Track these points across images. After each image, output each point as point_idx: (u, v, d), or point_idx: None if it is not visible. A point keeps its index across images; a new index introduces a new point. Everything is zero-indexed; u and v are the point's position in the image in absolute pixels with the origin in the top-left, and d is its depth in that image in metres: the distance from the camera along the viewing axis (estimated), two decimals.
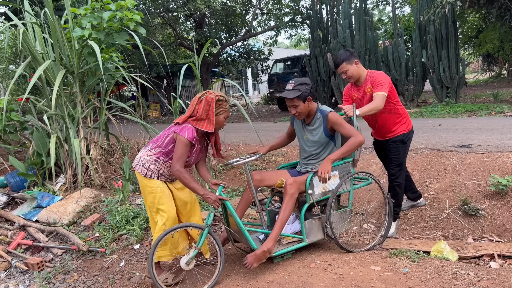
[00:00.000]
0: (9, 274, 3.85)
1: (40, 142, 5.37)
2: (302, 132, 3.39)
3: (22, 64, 5.03)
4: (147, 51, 13.33)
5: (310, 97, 3.16)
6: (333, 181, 3.22)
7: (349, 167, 3.34)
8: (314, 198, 3.13)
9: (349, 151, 3.11)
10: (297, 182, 3.07)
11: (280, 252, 3.04)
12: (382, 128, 3.81)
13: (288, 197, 3.01)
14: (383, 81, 3.50)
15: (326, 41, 13.05)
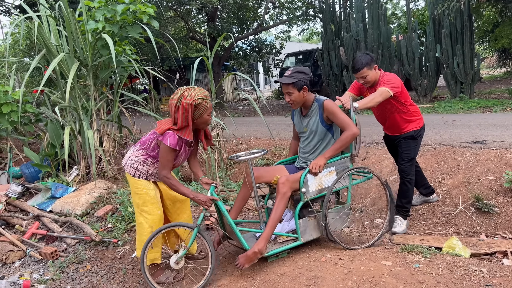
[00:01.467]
0: (24, 263, 3.92)
1: (54, 133, 5.44)
2: (300, 125, 3.31)
3: (37, 56, 5.10)
4: (159, 44, 13.39)
5: (306, 87, 3.05)
6: (329, 177, 3.11)
7: (347, 162, 3.22)
8: (309, 196, 3.03)
9: (342, 146, 3.03)
10: (290, 180, 2.97)
11: (274, 252, 2.96)
12: (392, 126, 3.84)
13: (280, 196, 2.92)
14: (392, 81, 3.52)
15: (339, 35, 12.95)
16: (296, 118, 3.36)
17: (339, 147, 3.03)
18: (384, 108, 3.77)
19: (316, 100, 3.17)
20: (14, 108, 5.09)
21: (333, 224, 3.15)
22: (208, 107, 2.86)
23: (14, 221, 4.57)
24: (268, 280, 2.77)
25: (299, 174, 3.04)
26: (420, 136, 3.84)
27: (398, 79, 3.59)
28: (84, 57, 5.21)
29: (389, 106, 3.71)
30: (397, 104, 3.70)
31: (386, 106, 3.72)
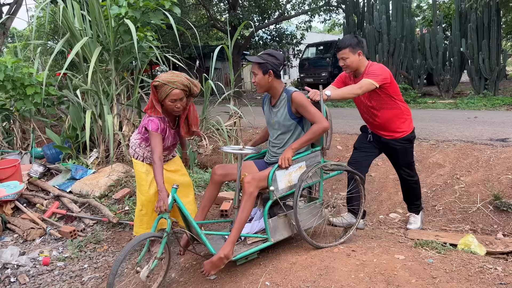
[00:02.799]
0: (44, 240, 4.04)
1: (76, 116, 5.55)
2: (269, 116, 3.13)
3: (61, 40, 5.18)
4: (180, 32, 13.42)
5: (272, 72, 2.87)
6: (299, 173, 2.93)
7: (318, 156, 3.04)
8: (278, 194, 2.86)
9: (312, 139, 2.89)
10: (256, 179, 2.78)
11: (243, 254, 2.79)
12: (382, 126, 3.49)
13: (246, 197, 2.74)
14: (377, 72, 3.23)
15: (361, 27, 12.77)
16: (266, 108, 3.18)
17: (307, 140, 2.87)
18: (371, 104, 3.43)
19: (285, 91, 3.00)
20: (38, 90, 5.20)
21: (304, 221, 2.96)
22: (171, 94, 2.91)
23: (35, 200, 4.70)
24: (280, 268, 2.80)
25: (266, 172, 2.84)
26: (414, 138, 3.59)
27: (385, 69, 3.30)
28: (107, 42, 5.27)
29: (378, 100, 3.39)
30: (387, 98, 3.37)
31: (375, 100, 3.40)
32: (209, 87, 5.07)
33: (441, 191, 4.33)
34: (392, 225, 3.88)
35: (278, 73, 2.91)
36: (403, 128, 3.44)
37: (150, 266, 2.68)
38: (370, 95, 3.37)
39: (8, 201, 4.48)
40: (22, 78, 5.12)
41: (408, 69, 11.80)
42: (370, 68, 3.28)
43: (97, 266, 3.52)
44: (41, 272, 3.43)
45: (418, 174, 4.65)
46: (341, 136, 6.05)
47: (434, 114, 7.97)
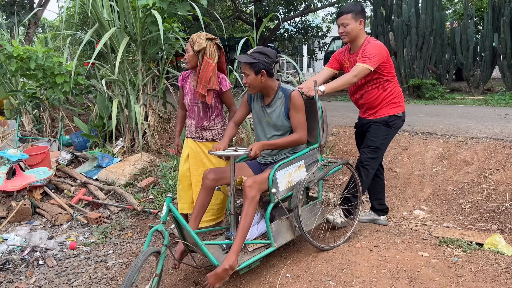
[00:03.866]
0: (70, 225, 4.17)
1: (103, 106, 5.66)
2: (261, 115, 2.90)
3: (90, 30, 5.28)
4: (205, 23, 13.46)
5: (265, 71, 2.68)
6: (299, 173, 2.81)
7: (316, 154, 2.92)
8: (280, 195, 2.72)
9: (285, 146, 2.75)
10: (257, 182, 2.63)
11: (246, 263, 2.60)
12: (366, 105, 3.26)
13: (248, 202, 2.58)
14: (372, 53, 2.97)
15: (389, 20, 12.49)
16: (256, 105, 2.94)
17: (282, 144, 2.73)
18: (360, 82, 3.18)
19: (281, 89, 2.81)
20: (67, 79, 5.33)
21: (306, 222, 2.83)
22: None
23: (63, 186, 4.84)
24: (301, 261, 2.80)
25: (266, 174, 2.70)
26: (396, 126, 3.25)
27: (381, 48, 3.04)
28: (134, 32, 5.35)
29: (369, 78, 3.14)
30: (377, 76, 3.11)
31: (365, 79, 3.13)
32: (233, 78, 5.08)
33: (468, 189, 4.23)
34: (416, 222, 3.82)
35: (271, 71, 2.73)
36: (387, 110, 3.18)
37: (151, 285, 2.42)
38: None
39: (37, 187, 4.62)
40: (52, 67, 5.25)
41: (436, 64, 11.50)
42: (367, 48, 3.01)
43: (121, 252, 3.61)
44: (68, 256, 3.54)
45: (445, 171, 4.57)
46: None
47: (463, 110, 7.76)
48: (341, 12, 3.06)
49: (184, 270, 3.14)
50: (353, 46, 3.14)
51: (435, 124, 6.03)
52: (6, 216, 4.22)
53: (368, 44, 3.04)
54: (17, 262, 3.42)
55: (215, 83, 3.08)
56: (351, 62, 3.17)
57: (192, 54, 3.06)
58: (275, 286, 2.58)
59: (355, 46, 3.12)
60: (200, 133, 3.29)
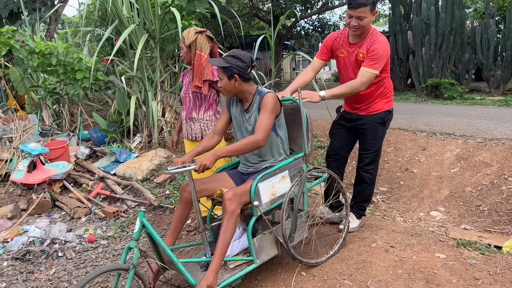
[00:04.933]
0: (89, 219, 4.24)
1: (121, 102, 5.74)
2: (240, 120, 2.73)
3: (109, 27, 5.36)
4: (222, 21, 13.50)
5: (237, 76, 2.51)
6: (283, 184, 2.60)
7: (300, 164, 2.74)
8: (262, 208, 2.51)
9: (240, 150, 2.48)
10: (238, 194, 2.43)
11: (227, 282, 2.43)
12: (357, 100, 3.05)
13: (228, 216, 2.39)
14: (381, 54, 2.77)
15: (408, 18, 12.34)
16: (235, 110, 2.76)
17: (236, 150, 2.48)
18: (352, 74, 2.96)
19: (258, 93, 2.63)
20: (87, 75, 5.41)
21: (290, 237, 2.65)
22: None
23: (81, 180, 4.93)
24: None
25: (247, 185, 2.51)
26: (389, 121, 3.12)
27: (388, 46, 2.84)
28: (153, 29, 5.40)
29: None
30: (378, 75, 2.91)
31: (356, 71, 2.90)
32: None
33: (486, 191, 4.16)
34: (433, 223, 3.78)
35: (246, 76, 2.55)
36: (382, 105, 3.01)
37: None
38: (357, 67, 2.90)
39: (57, 180, 4.72)
40: (72, 63, 5.35)
41: (456, 63, 11.32)
42: (374, 45, 2.78)
43: None
44: (86, 249, 3.61)
45: (463, 172, 4.51)
46: None
47: (482, 111, 7.63)
48: (360, 3, 2.68)
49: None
50: (356, 37, 2.87)
51: (454, 125, 5.95)
52: (27, 208, 4.32)
53: (377, 43, 2.78)
54: (37, 254, 3.50)
55: (209, 73, 3.18)
56: (349, 52, 2.91)
57: (186, 50, 3.19)
58: (290, 284, 2.59)
59: (358, 37, 2.86)
60: (189, 126, 3.36)
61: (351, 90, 2.79)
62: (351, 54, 2.90)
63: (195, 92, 3.27)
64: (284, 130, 2.73)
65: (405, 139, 5.53)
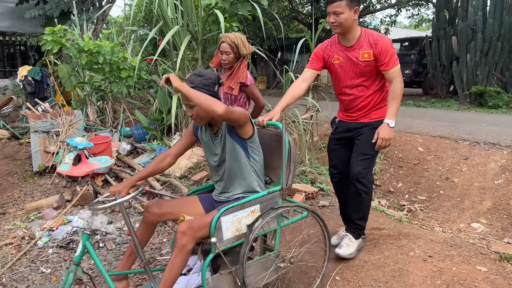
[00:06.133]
0: (128, 212, 4.39)
1: (163, 101, 5.90)
2: (211, 146, 2.46)
3: (154, 28, 5.53)
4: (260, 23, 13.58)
5: None
6: (251, 219, 2.32)
7: (276, 198, 2.41)
8: (223, 245, 2.22)
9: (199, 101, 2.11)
10: (194, 227, 2.16)
11: None
12: (358, 108, 2.81)
13: (176, 251, 2.14)
14: (394, 49, 2.62)
15: (453, 23, 11.98)
16: (205, 136, 2.48)
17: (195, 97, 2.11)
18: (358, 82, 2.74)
19: None
20: (131, 74, 5.61)
21: (254, 278, 2.32)
22: (220, 46, 3.25)
23: (122, 175, 5.11)
24: (351, 265, 2.79)
25: (208, 218, 2.22)
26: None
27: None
28: (195, 31, 5.52)
29: (368, 77, 2.72)
30: (379, 77, 2.71)
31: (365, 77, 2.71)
32: (289, 79, 5.11)
33: None
34: (473, 235, 3.66)
35: (215, 96, 2.26)
36: (382, 113, 2.75)
37: None
38: (359, 70, 2.70)
39: (99, 174, 4.91)
40: (118, 62, 5.55)
41: (502, 71, 10.88)
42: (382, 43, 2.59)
43: None
44: (125, 241, 3.74)
45: (508, 184, 4.34)
46: (423, 138, 5.78)
47: None
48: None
49: None
50: (347, 39, 2.68)
51: (499, 134, 5.73)
52: (71, 199, 4.53)
53: (381, 40, 2.61)
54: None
55: (244, 77, 3.30)
56: (346, 56, 2.71)
57: (234, 57, 3.26)
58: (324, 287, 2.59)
59: (350, 39, 2.67)
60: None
61: (399, 94, 2.62)
62: (350, 57, 2.70)
63: (226, 94, 3.36)
64: (259, 156, 2.44)
65: (446, 148, 5.38)
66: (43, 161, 5.62)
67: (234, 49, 3.24)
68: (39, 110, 7.58)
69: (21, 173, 5.89)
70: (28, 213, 4.22)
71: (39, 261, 3.32)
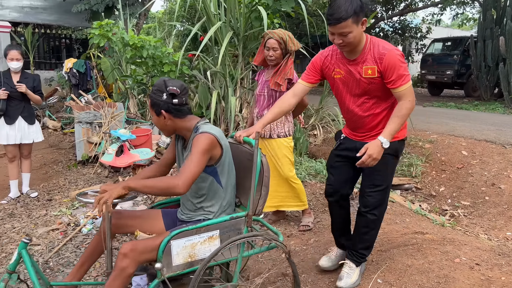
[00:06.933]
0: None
1: (203, 96, 5.97)
2: (180, 159, 2.31)
3: (197, 23, 5.60)
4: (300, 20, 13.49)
5: (164, 112, 2.09)
6: (208, 245, 2.08)
7: (240, 225, 2.16)
8: (171, 271, 2.01)
9: (154, 190, 2.01)
10: (138, 250, 1.98)
11: None
12: (365, 127, 2.49)
13: (114, 274, 1.96)
14: (405, 63, 2.27)
15: (500, 23, 11.49)
16: (179, 146, 2.33)
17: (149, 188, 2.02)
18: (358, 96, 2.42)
19: (195, 130, 2.16)
20: (173, 69, 5.70)
21: None
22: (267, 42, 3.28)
23: None
24: (394, 268, 2.73)
25: (156, 241, 2.01)
26: (401, 152, 2.57)
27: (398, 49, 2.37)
28: (237, 27, 5.55)
29: (374, 95, 2.39)
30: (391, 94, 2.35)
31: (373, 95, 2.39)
32: None
33: None
34: None
35: (177, 111, 2.11)
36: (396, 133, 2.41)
37: None
38: (362, 88, 2.38)
39: (140, 165, 5.03)
40: (161, 57, 5.66)
41: None
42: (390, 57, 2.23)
43: None
44: None
45: None
46: (467, 141, 5.59)
47: None
48: (338, 18, 2.14)
49: None
50: (352, 52, 2.34)
51: None
52: None
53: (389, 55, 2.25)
54: None
55: (292, 74, 3.32)
56: (348, 71, 2.38)
57: (281, 53, 3.28)
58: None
59: (355, 52, 2.33)
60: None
61: (406, 114, 2.27)
62: (352, 72, 2.36)
63: (271, 90, 3.37)
64: (230, 178, 2.24)
65: (493, 152, 5.18)
66: (86, 151, 5.82)
67: (282, 45, 3.24)
68: (83, 102, 7.85)
69: (65, 162, 6.13)
70: (73, 201, 4.38)
71: (83, 247, 3.44)
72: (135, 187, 2.00)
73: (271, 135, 3.43)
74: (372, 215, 2.51)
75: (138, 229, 2.23)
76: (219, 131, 2.17)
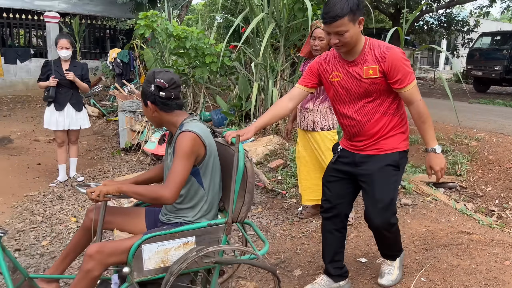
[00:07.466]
0: None
1: (243, 87, 6.01)
2: (166, 153, 2.24)
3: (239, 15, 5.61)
4: None
5: (150, 103, 2.04)
6: (182, 251, 1.98)
7: (218, 233, 2.04)
8: (142, 276, 1.94)
9: (143, 197, 1.97)
10: (106, 252, 1.90)
11: None
12: (365, 134, 2.31)
13: (79, 276, 1.90)
14: (408, 61, 2.18)
15: None
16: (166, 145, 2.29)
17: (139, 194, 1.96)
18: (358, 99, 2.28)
19: (180, 127, 2.07)
20: (215, 60, 5.76)
21: None
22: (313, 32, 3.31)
23: None
24: (439, 268, 2.66)
25: (127, 243, 1.94)
26: (405, 164, 2.41)
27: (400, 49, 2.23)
28: (280, 18, 5.52)
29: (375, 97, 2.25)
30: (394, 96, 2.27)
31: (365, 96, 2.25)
32: None
33: None
34: None
35: (163, 104, 2.04)
36: (397, 142, 2.30)
37: None
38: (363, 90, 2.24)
39: None
40: (203, 48, 5.72)
41: None
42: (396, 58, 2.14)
43: None
44: None
45: None
46: None
47: None
48: (334, 16, 2.05)
49: None
50: (350, 53, 2.23)
51: None
52: None
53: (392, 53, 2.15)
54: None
55: None
56: (347, 73, 2.26)
57: (326, 44, 3.23)
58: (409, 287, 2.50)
59: (353, 53, 2.22)
60: (303, 116, 3.47)
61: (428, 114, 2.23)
62: (352, 74, 2.24)
63: None
64: (214, 180, 2.14)
65: None
66: (129, 139, 6.00)
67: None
68: (126, 91, 8.07)
69: (109, 149, 6.35)
70: None
71: None
72: (126, 192, 1.96)
73: (314, 128, 3.41)
74: (387, 231, 2.37)
75: (118, 227, 2.20)
76: (203, 129, 2.09)
